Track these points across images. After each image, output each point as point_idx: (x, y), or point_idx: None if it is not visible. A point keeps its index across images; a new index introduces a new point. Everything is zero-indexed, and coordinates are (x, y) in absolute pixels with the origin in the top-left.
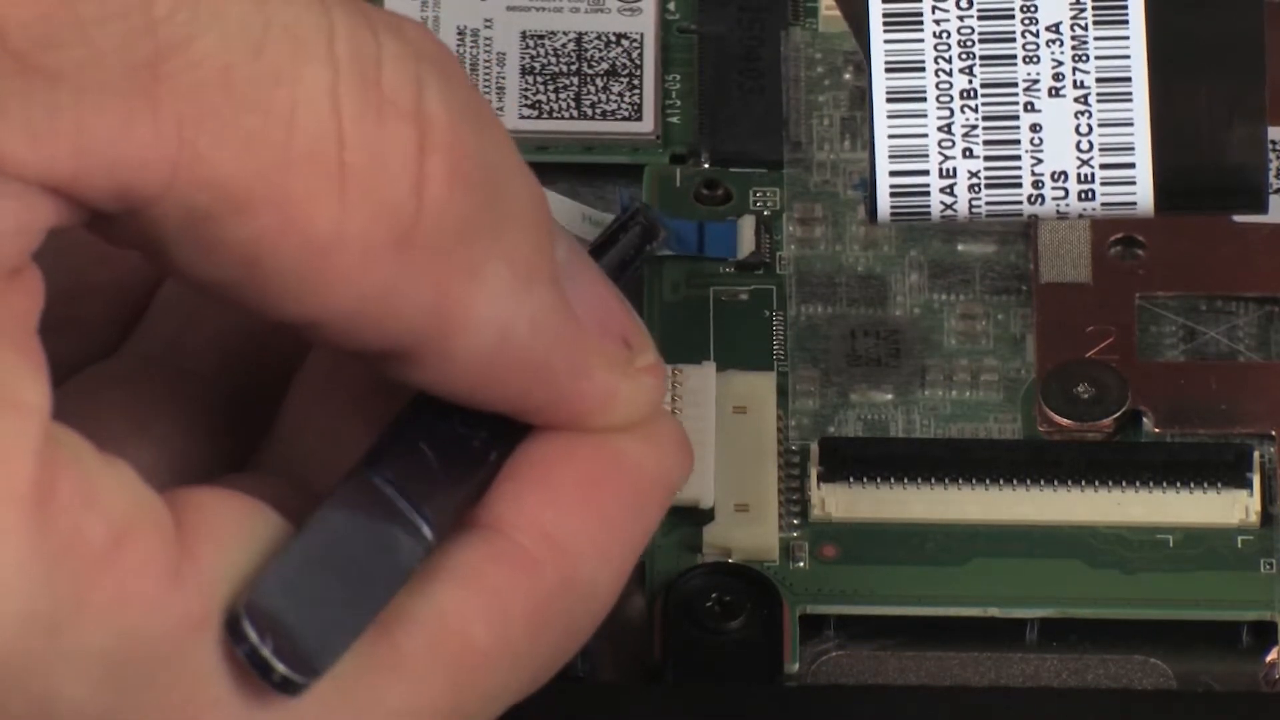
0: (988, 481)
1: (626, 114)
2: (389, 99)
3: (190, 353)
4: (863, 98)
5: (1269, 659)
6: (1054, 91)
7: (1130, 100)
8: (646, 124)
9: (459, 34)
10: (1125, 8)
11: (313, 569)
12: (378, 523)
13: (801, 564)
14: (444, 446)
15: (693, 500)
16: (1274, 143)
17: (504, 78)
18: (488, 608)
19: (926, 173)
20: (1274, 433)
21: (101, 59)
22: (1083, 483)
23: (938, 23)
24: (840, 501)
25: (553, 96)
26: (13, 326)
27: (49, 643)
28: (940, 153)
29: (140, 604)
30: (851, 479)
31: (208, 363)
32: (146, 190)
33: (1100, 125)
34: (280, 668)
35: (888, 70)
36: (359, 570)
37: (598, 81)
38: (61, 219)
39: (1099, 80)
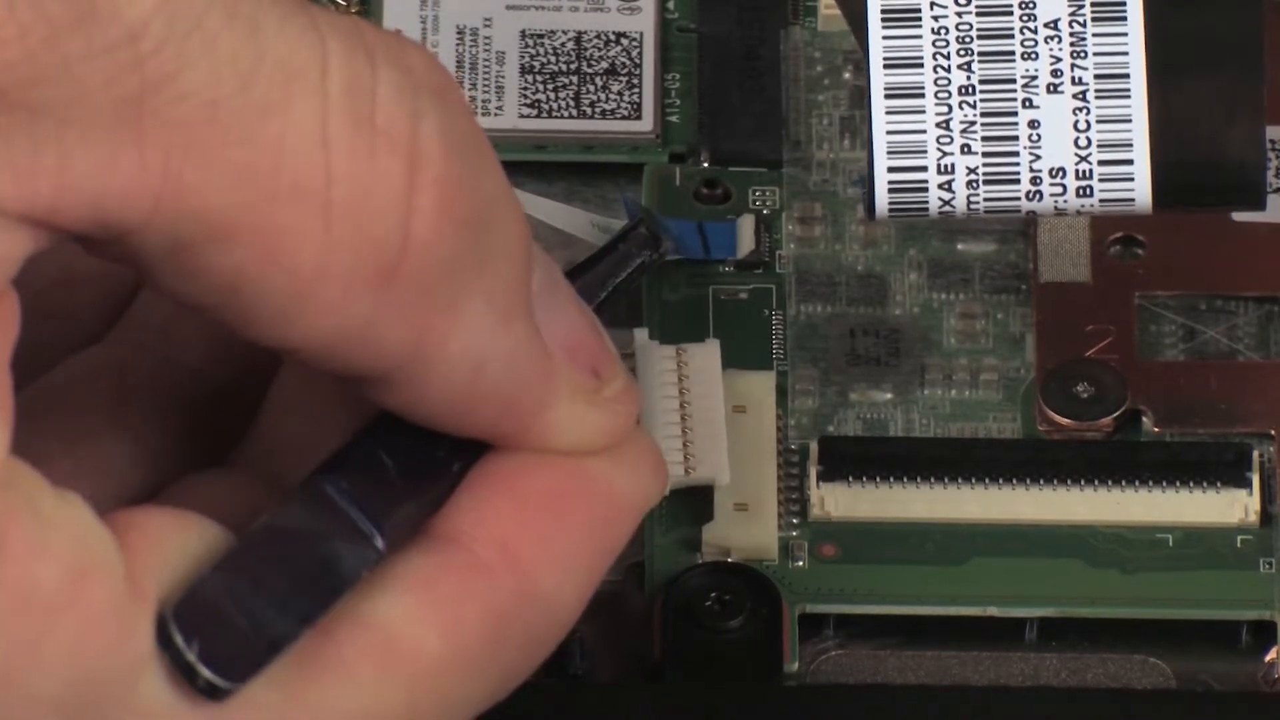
0: (987, 481)
1: (626, 113)
2: (381, 132)
3: (177, 342)
4: (862, 97)
5: (1269, 659)
6: (1052, 88)
7: (1128, 97)
8: (646, 123)
9: (458, 33)
10: (1124, 5)
11: (249, 575)
12: (324, 530)
13: (801, 563)
14: (405, 456)
15: (708, 478)
16: (1273, 142)
17: (503, 77)
18: (440, 616)
19: (925, 168)
20: (1274, 432)
21: (87, 95)
22: (1082, 482)
23: (936, 19)
24: (840, 501)
25: (552, 95)
26: None
27: (1, 691)
28: (939, 148)
29: (94, 647)
30: (851, 478)
31: (194, 353)
32: (129, 220)
33: (1099, 122)
34: (205, 672)
35: (886, 66)
36: (298, 577)
37: (597, 80)
38: (40, 245)
39: (1097, 77)
